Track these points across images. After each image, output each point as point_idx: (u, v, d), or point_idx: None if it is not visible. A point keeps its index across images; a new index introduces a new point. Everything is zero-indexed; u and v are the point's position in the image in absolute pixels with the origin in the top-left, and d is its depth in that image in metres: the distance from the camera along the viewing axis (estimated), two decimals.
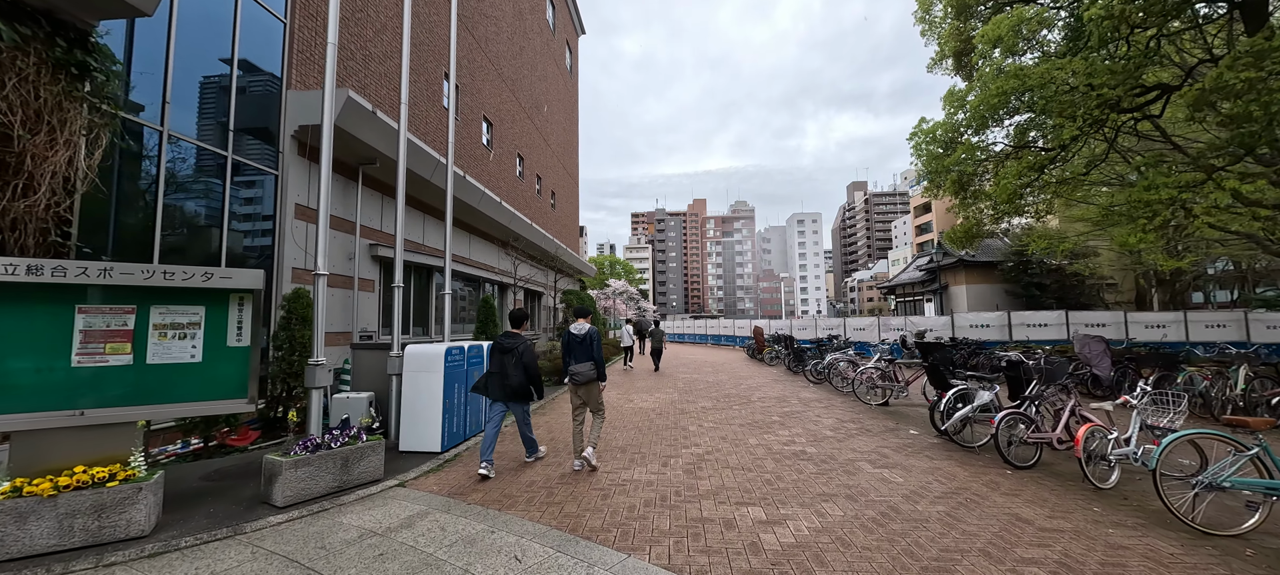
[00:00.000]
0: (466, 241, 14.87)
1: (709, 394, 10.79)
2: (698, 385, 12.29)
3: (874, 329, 20.95)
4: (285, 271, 7.84)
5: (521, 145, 19.89)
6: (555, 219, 25.02)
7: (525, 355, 5.11)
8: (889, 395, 9.00)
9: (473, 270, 14.76)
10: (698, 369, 16.68)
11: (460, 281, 15.16)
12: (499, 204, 14.69)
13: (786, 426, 7.35)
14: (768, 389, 11.56)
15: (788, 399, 10.03)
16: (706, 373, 15.43)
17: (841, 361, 11.07)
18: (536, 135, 22.13)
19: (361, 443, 4.67)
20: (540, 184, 22.68)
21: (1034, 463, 5.14)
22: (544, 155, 23.32)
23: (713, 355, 24.44)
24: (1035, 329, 17.22)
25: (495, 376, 5.12)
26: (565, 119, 28.72)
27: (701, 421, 7.78)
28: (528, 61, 21.15)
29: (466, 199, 12.86)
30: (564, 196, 27.63)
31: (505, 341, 5.19)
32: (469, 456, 5.71)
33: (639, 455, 5.74)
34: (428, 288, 12.43)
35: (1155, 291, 28.51)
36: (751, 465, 5.37)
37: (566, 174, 28.41)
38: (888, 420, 7.78)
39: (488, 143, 16.58)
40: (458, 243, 14.29)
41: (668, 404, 9.48)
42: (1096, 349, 9.63)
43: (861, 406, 9.02)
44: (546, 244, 19.82)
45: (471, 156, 14.96)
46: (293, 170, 8.12)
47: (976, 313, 18.19)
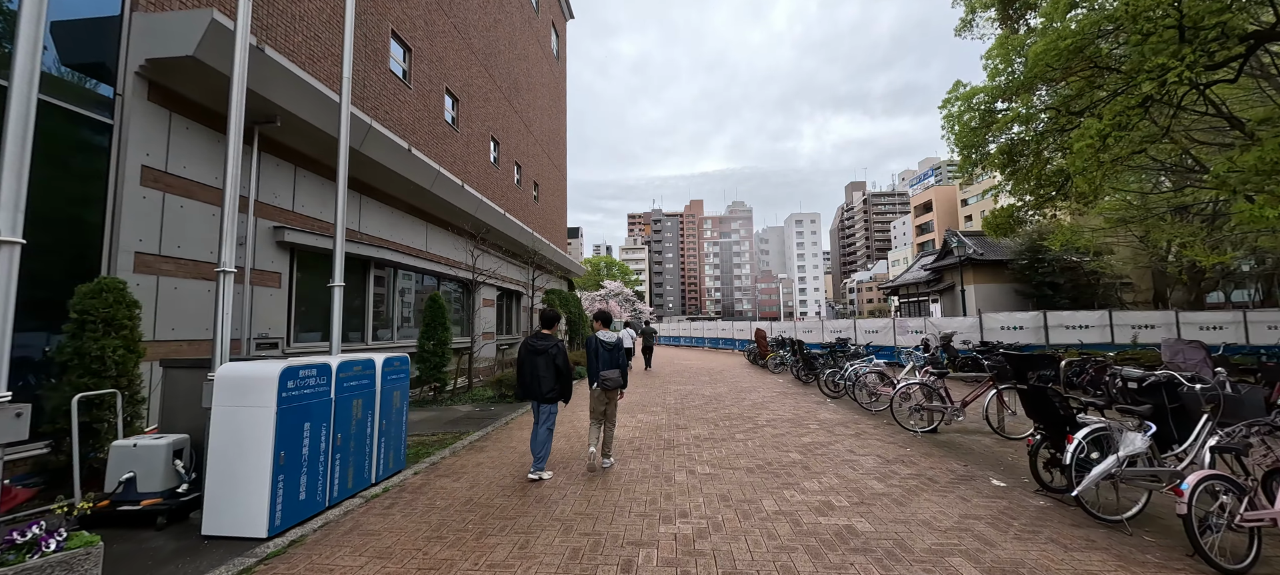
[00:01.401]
0: (423, 231, 12.74)
1: (706, 413, 8.69)
2: (692, 401, 10.19)
3: (888, 331, 18.89)
4: (121, 257, 5.70)
5: (497, 128, 17.79)
6: (538, 212, 22.91)
7: (558, 357, 5.05)
8: (939, 419, 6.92)
9: (431, 265, 12.63)
10: (693, 378, 14.59)
11: (417, 278, 13.02)
12: (459, 187, 12.58)
13: (813, 472, 5.24)
14: (777, 406, 9.46)
15: (804, 421, 7.93)
16: (703, 383, 13.32)
17: (869, 373, 8.99)
18: (516, 119, 20.02)
19: (53, 554, 2.52)
20: (520, 173, 20.58)
21: (1250, 562, 3.05)
22: (525, 143, 21.21)
23: (710, 360, 22.33)
24: (1075, 331, 15.19)
25: (527, 378, 5.04)
26: (551, 107, 26.63)
27: (695, 463, 5.67)
28: (505, 37, 19.06)
29: (416, 179, 10.74)
30: (549, 189, 25.53)
31: (537, 342, 5.12)
32: (320, 545, 3.58)
33: (596, 546, 3.60)
34: (364, 284, 10.29)
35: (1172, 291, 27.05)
36: (773, 564, 3.26)
37: (552, 166, 26.31)
38: (949, 459, 5.68)
39: (452, 121, 14.46)
40: (411, 232, 12.17)
41: (652, 431, 7.37)
42: (1195, 358, 7.57)
43: (900, 432, 6.93)
44: (523, 237, 17.70)
45: (431, 133, 12.84)
46: (139, 120, 5.99)
47: (1008, 313, 16.20)
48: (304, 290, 8.90)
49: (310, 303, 9.14)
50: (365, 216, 10.36)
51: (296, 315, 8.61)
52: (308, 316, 9.03)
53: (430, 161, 11.21)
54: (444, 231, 13.31)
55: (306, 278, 8.99)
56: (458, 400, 10.01)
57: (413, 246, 12.20)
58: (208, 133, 6.95)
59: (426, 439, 6.80)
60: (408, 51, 11.97)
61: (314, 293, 9.26)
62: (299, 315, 8.71)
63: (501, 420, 8.09)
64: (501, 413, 8.77)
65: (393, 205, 11.37)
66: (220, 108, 6.96)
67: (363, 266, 10.24)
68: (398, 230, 11.54)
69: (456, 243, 13.96)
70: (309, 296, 9.12)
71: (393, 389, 4.87)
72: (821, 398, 10.46)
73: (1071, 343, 14.77)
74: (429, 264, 12.68)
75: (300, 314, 8.76)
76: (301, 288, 8.79)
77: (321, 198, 9.14)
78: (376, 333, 10.58)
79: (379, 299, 11.01)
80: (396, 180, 10.63)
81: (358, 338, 10.00)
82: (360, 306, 10.13)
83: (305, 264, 8.91)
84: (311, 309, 9.14)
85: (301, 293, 8.77)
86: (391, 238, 11.17)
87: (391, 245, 11.06)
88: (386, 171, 10.11)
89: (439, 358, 9.57)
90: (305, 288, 8.95)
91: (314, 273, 9.20)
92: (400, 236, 11.61)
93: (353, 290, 9.99)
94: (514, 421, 8.07)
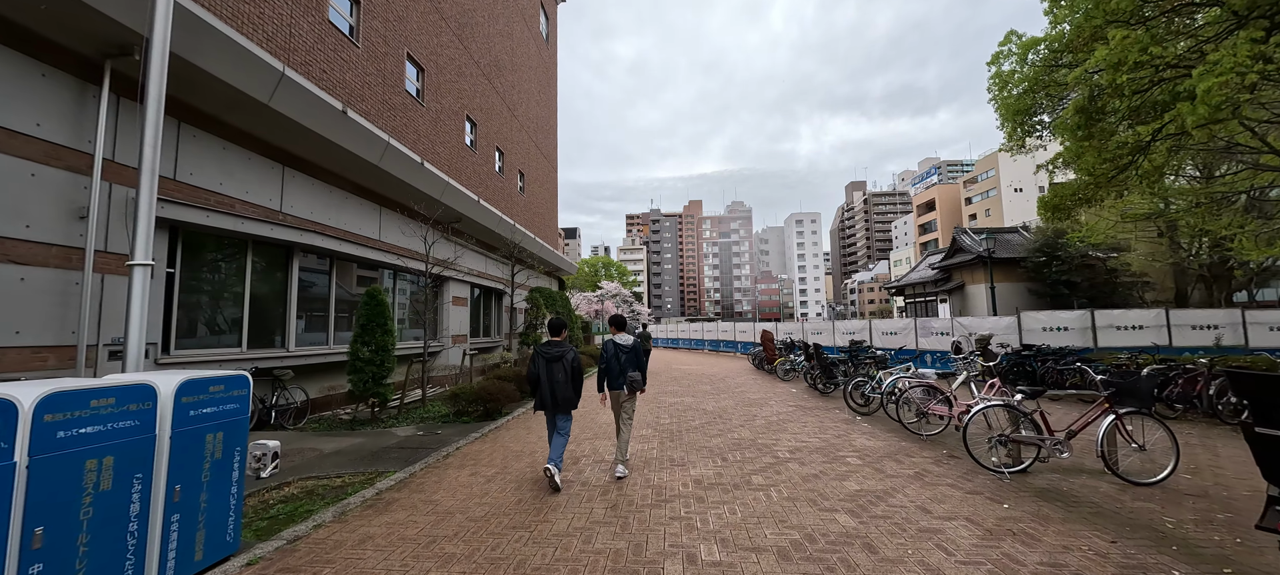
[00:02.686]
0: (375, 216, 10.84)
1: (708, 438, 6.79)
2: (691, 419, 8.29)
3: (908, 332, 17.01)
4: None
5: (474, 108, 15.90)
6: (524, 205, 21.03)
7: (574, 362, 5.05)
8: (1033, 456, 5.02)
9: (386, 256, 10.72)
10: (693, 386, 12.69)
11: (366, 269, 11.12)
12: (417, 165, 10.68)
13: (884, 559, 3.35)
14: (798, 427, 7.56)
15: (838, 452, 6.04)
16: (704, 394, 11.42)
17: (912, 386, 7.10)
18: (497, 101, 18.14)
19: None
20: (502, 161, 18.69)
21: None
22: (508, 128, 19.32)
23: (711, 365, 20.43)
24: (1127, 332, 13.32)
25: (544, 388, 5.00)
26: (540, 92, 24.76)
27: (696, 537, 3.77)
28: (484, 8, 17.18)
29: (357, 150, 8.86)
30: (537, 181, 23.64)
31: (551, 350, 5.10)
32: None
33: None
34: (285, 275, 8.38)
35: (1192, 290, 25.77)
36: None
37: (541, 156, 24.42)
38: (1084, 529, 3.79)
39: (417, 93, 12.58)
40: (359, 217, 10.27)
41: (638, 469, 5.48)
42: None
43: (976, 472, 5.05)
44: (502, 228, 15.80)
45: (386, 103, 10.96)
46: None
47: (1050, 312, 14.33)
48: (195, 283, 7.00)
49: (206, 299, 7.24)
50: (290, 193, 8.44)
51: (181, 314, 6.69)
52: (202, 316, 7.13)
53: (375, 129, 9.31)
54: (403, 218, 11.40)
55: (199, 267, 7.08)
56: (402, 420, 8.11)
57: (362, 234, 10.29)
58: (23, 63, 5.05)
59: (318, 486, 4.89)
60: (355, 2, 10.08)
61: (213, 286, 7.35)
62: (186, 314, 6.80)
63: (441, 451, 6.17)
64: (448, 439, 6.87)
65: (332, 183, 9.47)
66: (41, 26, 5.07)
67: (285, 254, 8.33)
68: (340, 213, 9.64)
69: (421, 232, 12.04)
70: (205, 290, 7.21)
71: (204, 432, 2.97)
72: (848, 414, 8.57)
73: (1122, 346, 12.91)
74: (384, 255, 10.77)
75: (188, 312, 6.85)
76: (191, 279, 6.88)
77: (224, 164, 7.24)
78: (303, 337, 8.67)
79: (311, 296, 9.10)
80: (333, 151, 8.73)
81: (276, 343, 8.08)
82: (278, 304, 8.22)
83: (197, 249, 7.00)
84: (207, 307, 7.23)
85: (190, 286, 6.87)
86: (330, 222, 9.27)
87: (329, 231, 9.16)
88: (317, 140, 8.22)
89: (378, 367, 7.67)
90: (197, 280, 7.04)
91: (212, 260, 7.30)
92: (344, 221, 9.71)
93: (268, 283, 8.08)
94: (456, 455, 6.16)
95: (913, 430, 6.92)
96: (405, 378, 9.05)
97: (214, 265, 7.32)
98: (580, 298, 48.50)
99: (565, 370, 5.01)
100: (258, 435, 6.56)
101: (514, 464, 5.67)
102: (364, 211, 10.44)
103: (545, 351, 5.09)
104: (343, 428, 7.59)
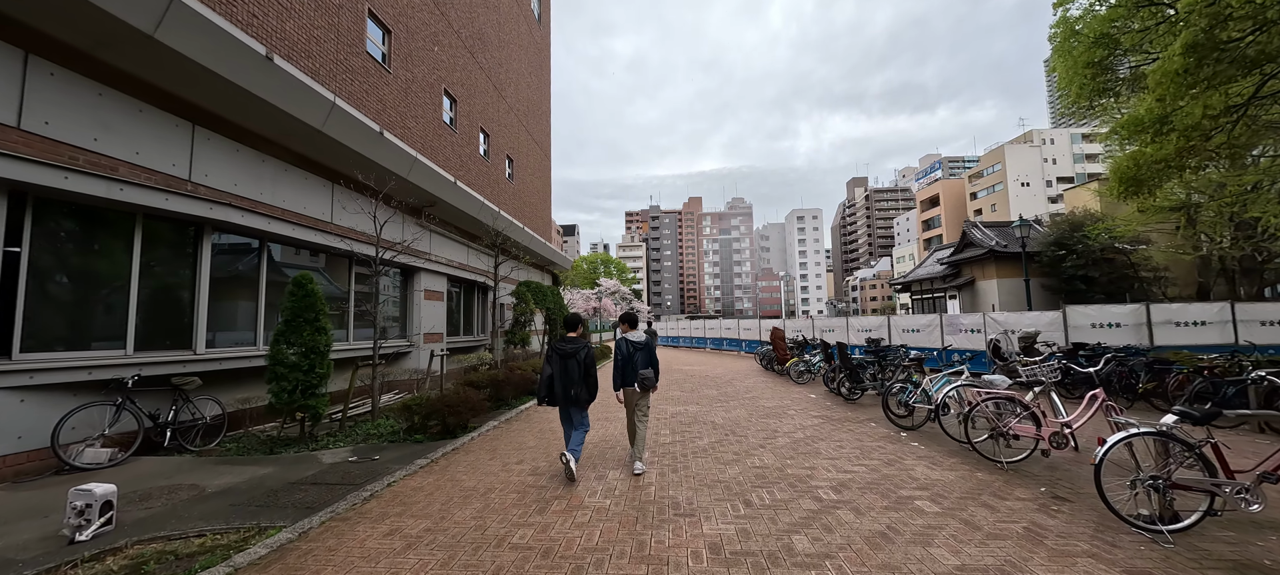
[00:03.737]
0: (325, 195, 9.26)
1: (723, 468, 5.23)
2: (698, 436, 6.73)
3: (934, 329, 15.44)
4: None
5: (453, 82, 14.32)
6: (513, 193, 19.45)
7: (588, 358, 5.10)
8: (1203, 508, 3.46)
9: (331, 239, 9.13)
10: (697, 391, 11.13)
11: (320, 256, 9.58)
12: (375, 134, 9.10)
13: None
14: (833, 449, 6.00)
15: (901, 489, 4.48)
16: (711, 402, 9.86)
17: (983, 397, 5.53)
18: (481, 78, 16.54)
19: None
20: (487, 143, 17.11)
21: None
22: (494, 109, 17.73)
23: (715, 365, 18.86)
24: (1187, 329, 11.77)
25: (559, 384, 4.99)
26: (531, 75, 23.15)
27: None
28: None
29: (293, 111, 7.29)
30: (529, 169, 22.05)
31: (566, 347, 5.12)
32: None
33: None
34: (196, 259, 6.81)
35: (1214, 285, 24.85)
36: None
37: (532, 143, 22.83)
38: None
39: (382, 57, 11.00)
40: (304, 194, 8.70)
41: (626, 518, 3.92)
42: None
43: (1117, 528, 3.51)
44: (485, 215, 14.21)
45: (340, 64, 9.39)
46: None
47: (1099, 306, 12.77)
48: (56, 266, 5.43)
49: (74, 288, 5.66)
50: (204, 159, 6.85)
51: (34, 307, 5.13)
52: (67, 310, 5.55)
53: (317, 86, 7.72)
54: (365, 199, 9.82)
55: (62, 246, 5.51)
56: (340, 438, 6.54)
57: (307, 214, 8.71)
58: None
59: (162, 552, 3.34)
60: None
61: (85, 272, 5.78)
62: (42, 308, 5.23)
63: (364, 491, 4.59)
64: (384, 468, 5.30)
65: (265, 151, 7.88)
66: None
67: (194, 233, 6.76)
68: (277, 188, 8.05)
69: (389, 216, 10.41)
70: (72, 277, 5.64)
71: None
72: (888, 427, 7.01)
73: (1182, 344, 11.37)
74: (337, 240, 9.20)
75: (46, 306, 5.29)
76: (49, 263, 5.32)
77: (101, 116, 5.66)
78: (222, 336, 7.10)
79: (234, 286, 7.52)
80: (263, 111, 7.15)
81: (179, 344, 6.51)
82: (182, 295, 6.64)
83: (58, 222, 5.43)
84: (75, 298, 5.66)
85: (47, 270, 5.30)
86: (262, 198, 7.69)
87: (260, 208, 7.57)
88: (236, 94, 6.65)
89: (307, 373, 6.11)
90: (60, 263, 5.47)
91: (83, 238, 5.73)
92: (282, 197, 8.13)
93: (169, 269, 6.51)
94: (384, 495, 4.59)
95: (985, 453, 5.36)
96: (349, 385, 7.46)
97: (85, 244, 5.75)
98: (577, 295, 46.96)
99: (579, 366, 5.03)
100: (108, 473, 5.00)
101: (457, 511, 4.10)
102: (311, 188, 8.85)
103: (560, 347, 5.13)
104: (258, 450, 6.02)
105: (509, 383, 9.42)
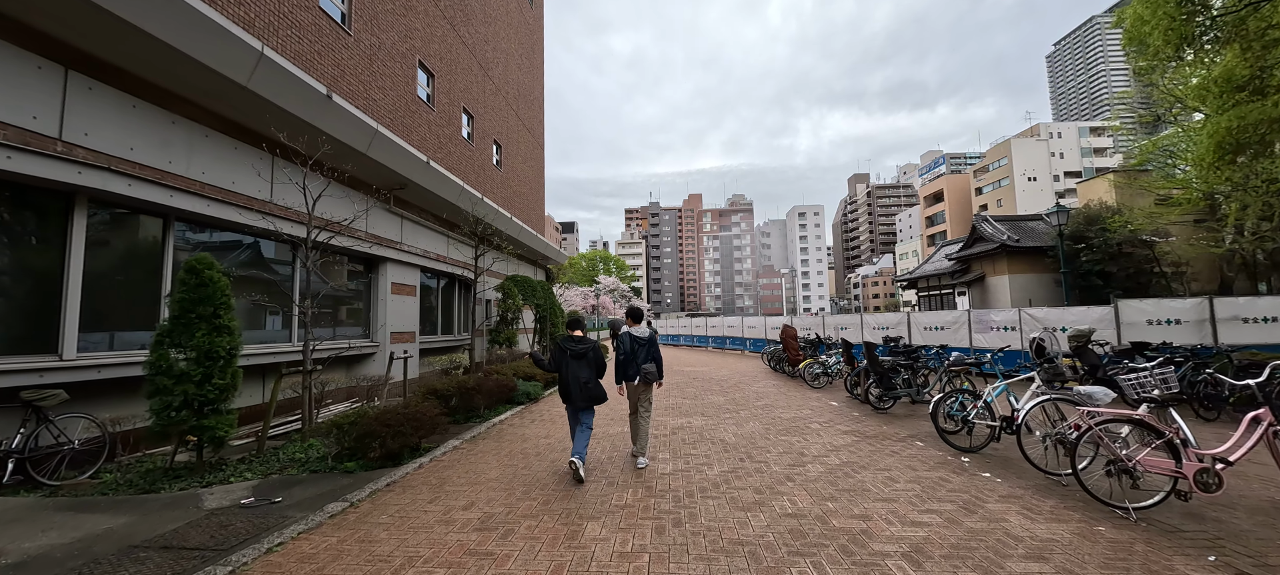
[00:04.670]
0: (262, 167, 7.84)
1: (743, 523, 3.81)
2: (705, 459, 5.32)
3: (960, 326, 14.07)
4: None
5: (430, 55, 12.88)
6: (500, 181, 18.03)
7: (598, 357, 5.10)
8: None
9: (266, 220, 7.69)
10: (700, 397, 9.73)
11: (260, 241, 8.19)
12: (321, 97, 7.67)
13: None
14: (882, 483, 4.59)
15: (1003, 557, 3.09)
16: (719, 411, 8.45)
17: (1098, 419, 4.13)
18: (464, 53, 15.10)
19: None
20: (471, 125, 15.67)
21: None
22: (480, 89, 16.29)
23: (718, 365, 17.46)
24: (1257, 326, 10.37)
25: (570, 382, 4.98)
26: (523, 58, 21.71)
27: None
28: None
29: (212, 63, 5.87)
30: (519, 156, 20.63)
31: (574, 346, 5.08)
32: None
33: None
34: (66, 238, 5.39)
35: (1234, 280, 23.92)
36: None
37: (524, 129, 21.39)
38: None
39: (341, 18, 9.58)
40: (238, 168, 7.29)
41: None
42: None
43: None
44: (463, 200, 12.78)
45: (287, 20, 7.97)
46: None
47: (1157, 300, 11.36)
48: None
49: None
50: (84, 113, 5.42)
51: None
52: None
53: (237, 30, 6.29)
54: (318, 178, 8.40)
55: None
56: (250, 467, 5.12)
57: (235, 191, 7.29)
58: None
59: None
60: None
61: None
62: None
63: (224, 563, 3.19)
64: (282, 518, 3.89)
65: (176, 110, 6.46)
66: None
67: (63, 206, 5.34)
68: (192, 157, 6.63)
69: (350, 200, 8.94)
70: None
71: None
72: (939, 447, 5.62)
73: (1252, 343, 9.99)
74: (275, 222, 7.76)
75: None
76: None
77: None
78: (114, 338, 5.68)
79: (127, 275, 6.11)
80: (161, 56, 5.72)
81: (38, 348, 5.09)
82: (44, 286, 5.22)
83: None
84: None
85: None
86: (170, 167, 6.27)
87: (166, 178, 6.16)
88: (125, 33, 5.24)
89: (200, 385, 4.70)
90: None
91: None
92: (198, 168, 6.71)
93: (23, 252, 5.10)
94: (257, 567, 3.18)
95: (1098, 495, 3.96)
96: (270, 398, 6.04)
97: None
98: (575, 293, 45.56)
99: (589, 366, 5.03)
100: None
101: None
102: (242, 160, 7.42)
103: (568, 345, 5.12)
104: (137, 485, 4.62)
105: (482, 390, 8.01)
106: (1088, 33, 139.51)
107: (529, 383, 9.98)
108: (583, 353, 5.04)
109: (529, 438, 6.62)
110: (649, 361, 5.29)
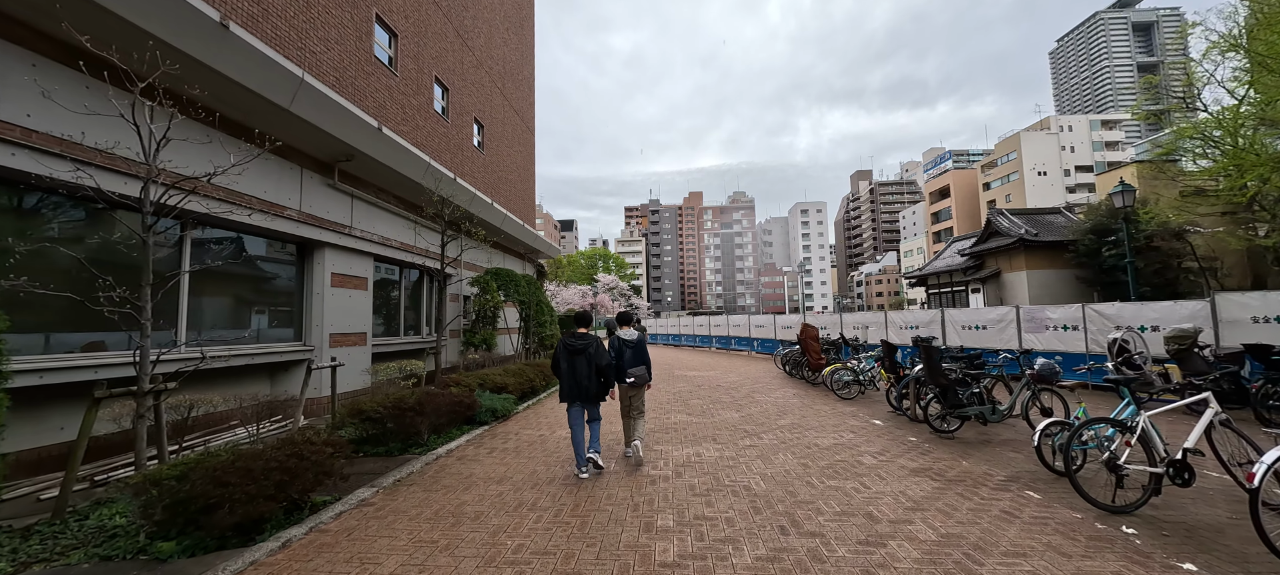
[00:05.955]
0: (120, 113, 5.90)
1: None
2: (725, 533, 3.46)
3: (1007, 325, 12.19)
4: None
5: (392, 11, 10.95)
6: (483, 165, 16.12)
7: (598, 355, 5.10)
8: None
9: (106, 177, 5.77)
10: (708, 413, 7.83)
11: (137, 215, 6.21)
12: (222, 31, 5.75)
13: None
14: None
15: None
16: (735, 438, 6.55)
17: None
18: (437, 15, 13.18)
19: None
20: (446, 98, 13.77)
21: None
22: (456, 57, 14.37)
23: (725, 370, 15.55)
24: None
25: (570, 380, 4.98)
26: (510, 32, 19.79)
27: None
28: None
29: None
30: (506, 140, 18.71)
31: (575, 342, 5.07)
32: None
33: None
34: None
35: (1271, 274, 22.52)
36: None
37: (511, 111, 19.47)
38: None
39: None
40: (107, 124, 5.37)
41: None
42: None
43: None
44: (427, 178, 10.86)
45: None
46: None
47: (1262, 293, 9.47)
48: None
49: None
50: None
51: None
52: None
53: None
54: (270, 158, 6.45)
55: None
56: (26, 548, 3.23)
57: (72, 140, 5.39)
58: None
59: None
60: None
61: None
62: None
63: None
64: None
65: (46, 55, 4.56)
66: None
67: None
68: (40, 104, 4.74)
69: (171, 121, 6.96)
70: None
71: None
72: (1077, 506, 3.76)
73: None
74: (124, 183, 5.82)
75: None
76: None
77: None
78: None
79: None
80: None
81: None
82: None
83: None
84: None
85: None
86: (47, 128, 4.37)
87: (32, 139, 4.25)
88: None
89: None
90: None
91: None
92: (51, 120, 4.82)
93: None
94: None
95: None
96: (78, 436, 4.12)
97: None
98: (573, 291, 43.76)
99: (588, 363, 5.01)
100: None
101: None
102: (87, 101, 5.49)
103: (570, 343, 5.07)
104: None
105: (427, 409, 6.09)
106: (1092, 28, 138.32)
107: (497, 396, 8.07)
108: (582, 349, 5.01)
109: (474, 481, 4.73)
110: (638, 364, 5.34)
